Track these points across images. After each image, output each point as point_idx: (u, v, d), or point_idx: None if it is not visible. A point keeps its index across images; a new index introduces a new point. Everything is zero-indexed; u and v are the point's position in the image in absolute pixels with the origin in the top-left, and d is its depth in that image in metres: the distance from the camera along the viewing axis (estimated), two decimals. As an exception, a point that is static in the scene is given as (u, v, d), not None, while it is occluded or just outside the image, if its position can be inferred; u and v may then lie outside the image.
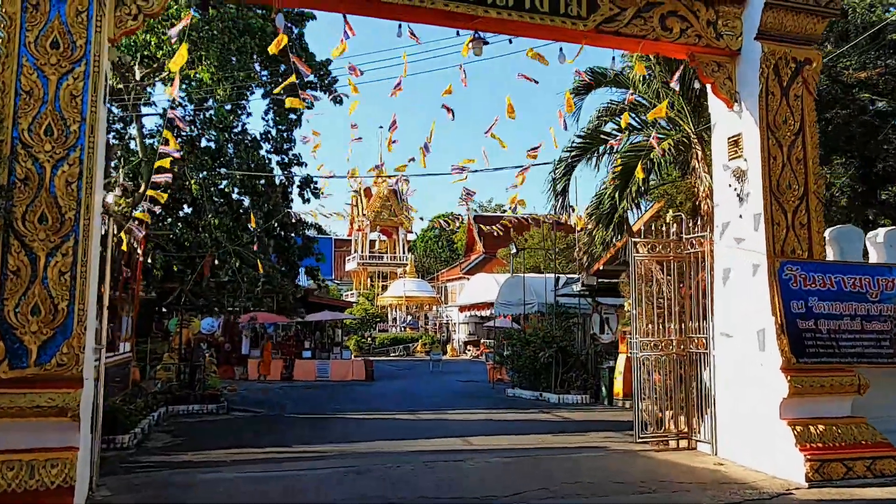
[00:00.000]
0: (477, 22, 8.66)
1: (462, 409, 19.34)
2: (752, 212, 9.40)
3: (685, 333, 10.55)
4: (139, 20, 7.58)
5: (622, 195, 12.98)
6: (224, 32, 16.92)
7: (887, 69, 14.18)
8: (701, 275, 10.35)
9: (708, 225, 10.74)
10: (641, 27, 9.21)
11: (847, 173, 14.20)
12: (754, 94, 9.46)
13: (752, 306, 9.29)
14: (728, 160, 9.85)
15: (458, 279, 64.14)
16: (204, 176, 20.97)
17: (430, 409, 19.16)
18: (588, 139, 14.30)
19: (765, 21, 9.40)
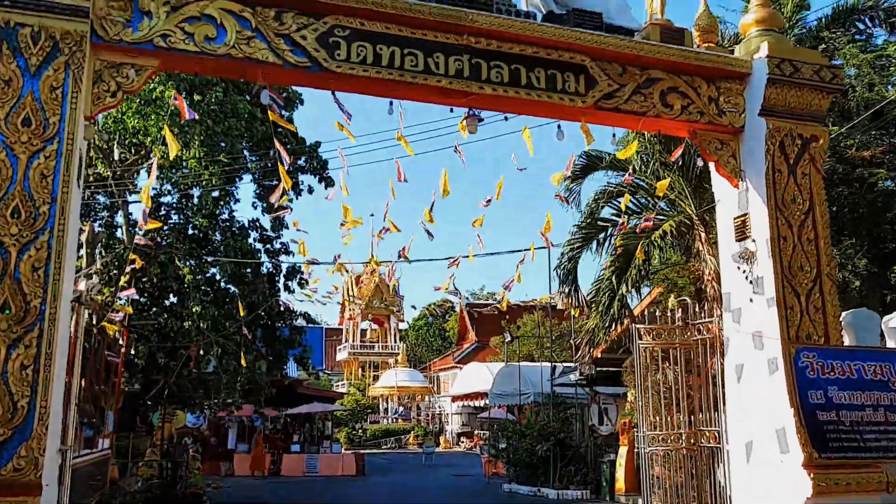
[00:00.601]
0: (471, 98, 8.32)
1: (457, 506, 18.44)
2: (764, 295, 8.90)
3: (695, 426, 9.91)
4: (118, 97, 7.20)
5: (621, 279, 12.54)
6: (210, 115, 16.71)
7: (891, 147, 13.99)
8: (710, 363, 9.79)
9: (715, 309, 10.24)
10: (641, 104, 8.89)
11: (857, 254, 13.85)
12: (760, 173, 9.09)
13: (768, 396, 8.69)
14: (735, 241, 9.41)
15: (450, 368, 63.18)
16: (192, 264, 20.49)
17: (424, 506, 18.25)
18: (588, 227, 13.96)
19: (768, 97, 9.11)
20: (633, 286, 12.44)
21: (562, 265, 14.37)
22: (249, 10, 7.57)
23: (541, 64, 8.53)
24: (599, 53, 8.73)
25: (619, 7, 9.13)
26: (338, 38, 7.82)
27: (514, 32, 8.35)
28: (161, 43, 7.24)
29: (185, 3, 7.37)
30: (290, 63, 7.63)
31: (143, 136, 18.27)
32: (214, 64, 7.55)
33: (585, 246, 14.04)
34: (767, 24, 9.71)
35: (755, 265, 9.07)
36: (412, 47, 8.07)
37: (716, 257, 11.55)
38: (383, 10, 7.89)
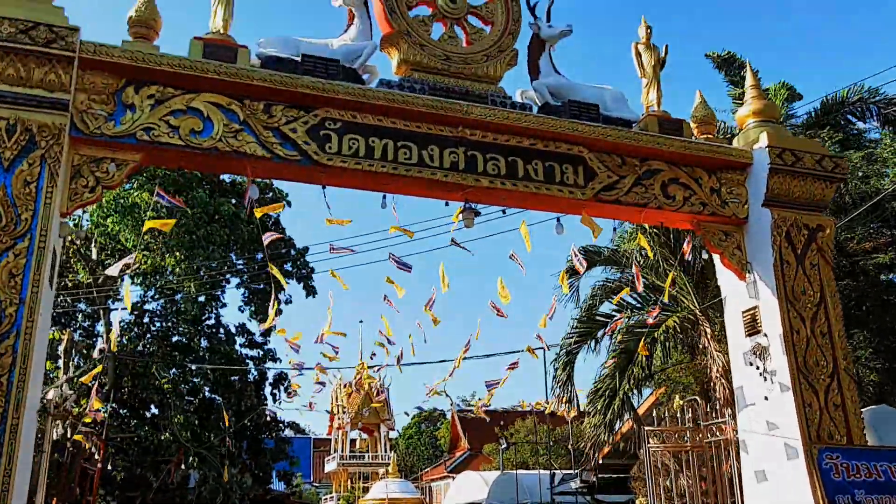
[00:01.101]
0: (468, 192, 8.01)
1: None
2: (780, 392, 8.41)
3: (714, 535, 9.24)
4: (97, 192, 6.84)
5: (623, 376, 12.00)
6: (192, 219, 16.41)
7: (893, 239, 13.77)
8: (725, 466, 9.19)
9: (726, 409, 9.72)
10: (643, 195, 8.61)
11: (868, 348, 13.45)
12: (768, 264, 8.75)
13: (790, 499, 8.09)
14: (745, 336, 8.98)
15: (443, 478, 61.10)
16: (174, 373, 19.78)
17: None
18: (586, 324, 13.53)
19: (772, 187, 8.86)
20: (636, 385, 11.90)
21: (558, 359, 13.82)
22: (238, 103, 7.32)
23: (538, 156, 8.30)
24: (598, 145, 8.52)
25: (615, 98, 8.97)
26: (329, 131, 7.57)
27: (509, 124, 8.14)
28: (144, 136, 6.93)
29: (171, 97, 7.12)
30: (280, 156, 7.34)
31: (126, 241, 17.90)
32: (200, 158, 7.22)
33: (584, 342, 13.57)
34: (765, 116, 9.58)
35: (768, 360, 8.61)
36: (406, 140, 7.83)
37: (723, 353, 11.06)
38: (376, 102, 7.68)
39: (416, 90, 8.00)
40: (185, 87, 7.17)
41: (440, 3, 8.65)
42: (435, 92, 8.10)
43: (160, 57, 7.01)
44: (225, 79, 7.19)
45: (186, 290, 18.86)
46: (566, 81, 8.84)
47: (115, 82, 6.95)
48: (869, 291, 13.68)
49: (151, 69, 6.97)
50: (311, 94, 7.47)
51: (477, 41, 8.71)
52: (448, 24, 8.70)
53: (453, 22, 8.73)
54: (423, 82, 8.14)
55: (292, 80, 7.41)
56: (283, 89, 7.37)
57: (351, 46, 7.97)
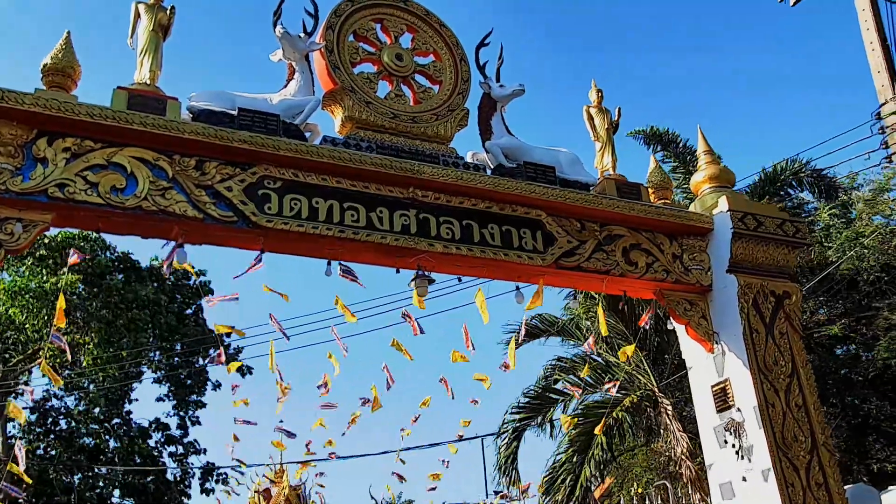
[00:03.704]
0: (421, 258, 7.33)
1: None
2: (759, 470, 7.80)
3: None
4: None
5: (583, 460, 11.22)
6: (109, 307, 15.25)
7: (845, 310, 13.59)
8: (703, 556, 8.47)
9: (695, 493, 9.05)
10: (604, 261, 8.09)
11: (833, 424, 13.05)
12: (737, 334, 8.25)
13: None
14: (716, 412, 8.40)
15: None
16: (79, 479, 18.06)
17: None
18: (537, 399, 12.79)
19: (735, 253, 8.46)
20: (598, 468, 11.13)
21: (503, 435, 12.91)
22: (166, 158, 6.56)
23: (494, 220, 7.73)
24: (556, 208, 8.01)
25: (571, 161, 8.55)
26: (268, 191, 6.85)
27: (464, 185, 7.58)
28: (57, 193, 6.08)
29: (90, 150, 6.32)
30: (213, 217, 6.56)
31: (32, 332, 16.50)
32: (122, 218, 6.37)
33: (532, 420, 12.77)
34: (720, 181, 9.27)
35: (744, 437, 8.02)
36: (353, 200, 7.16)
37: (686, 433, 10.48)
38: (320, 160, 7.03)
39: (362, 148, 7.40)
40: (106, 140, 6.38)
41: (386, 60, 8.17)
42: (383, 151, 7.51)
43: (78, 106, 6.24)
44: (152, 131, 6.44)
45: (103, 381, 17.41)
46: (520, 143, 8.38)
47: (24, 133, 6.13)
48: (830, 366, 13.39)
49: (68, 119, 6.19)
50: (249, 150, 6.78)
51: (425, 100, 8.23)
52: (394, 82, 8.21)
53: (400, 80, 8.25)
54: (370, 140, 7.56)
55: (228, 135, 6.71)
56: (217, 143, 6.66)
57: (292, 101, 7.35)
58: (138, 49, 7.12)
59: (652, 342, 10.90)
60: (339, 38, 7.95)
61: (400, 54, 8.29)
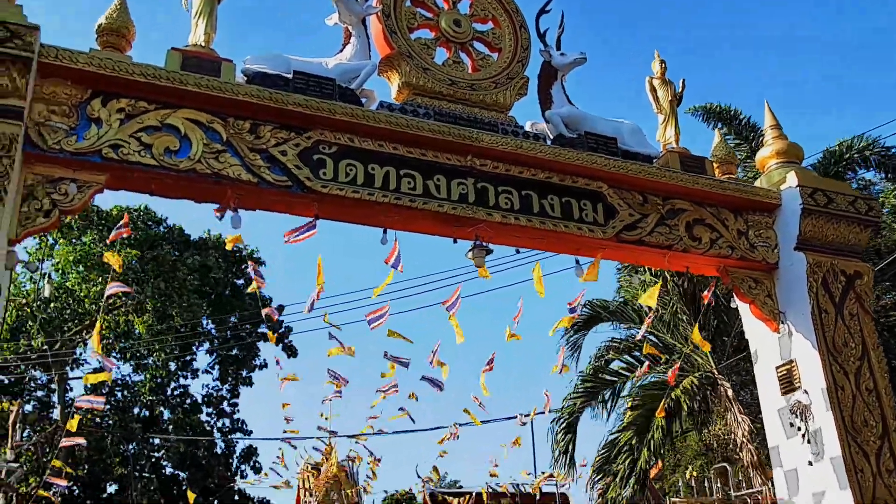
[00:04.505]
0: (479, 228, 7.12)
1: None
2: (826, 456, 7.47)
3: None
4: (53, 217, 5.83)
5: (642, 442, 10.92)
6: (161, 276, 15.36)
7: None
8: (765, 542, 8.17)
9: (755, 477, 8.73)
10: (667, 236, 7.79)
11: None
12: (805, 313, 7.90)
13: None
14: (781, 393, 8.07)
15: (413, 565, 58.62)
16: (133, 448, 18.28)
17: None
18: (593, 382, 12.53)
19: (804, 230, 8.09)
20: (657, 450, 10.85)
21: (561, 420, 12.67)
22: (220, 121, 6.42)
23: (554, 190, 7.48)
24: (618, 180, 7.73)
25: (633, 132, 8.24)
26: (323, 156, 6.68)
27: (523, 154, 7.34)
28: (111, 154, 5.98)
29: (144, 111, 6.20)
30: (268, 181, 6.42)
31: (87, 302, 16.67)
32: (175, 181, 6.26)
33: (589, 403, 12.52)
34: (788, 156, 8.87)
35: (810, 420, 7.69)
36: (409, 168, 6.97)
37: (746, 416, 10.16)
38: (377, 125, 6.84)
39: (419, 115, 7.18)
40: (160, 102, 6.26)
41: (444, 26, 7.94)
42: (440, 118, 7.30)
43: (133, 66, 6.12)
44: (207, 93, 6.31)
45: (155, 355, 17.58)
46: (581, 112, 8.11)
47: (79, 93, 6.04)
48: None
49: (122, 79, 6.08)
50: (304, 114, 6.61)
51: (484, 68, 7.99)
52: (452, 48, 7.98)
53: (458, 47, 8.02)
54: (428, 107, 7.35)
55: (283, 97, 6.55)
56: (272, 106, 6.51)
57: (348, 66, 7.16)
58: (193, 11, 6.99)
59: (711, 323, 10.58)
60: (395, 3, 7.74)
61: (458, 20, 8.06)
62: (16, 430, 14.64)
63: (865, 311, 8.16)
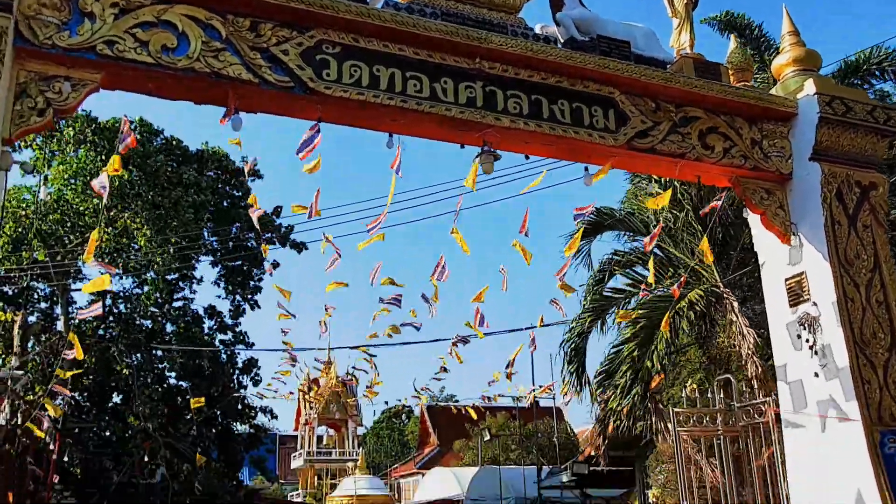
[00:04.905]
0: (487, 133, 6.92)
1: None
2: (834, 368, 7.43)
3: (752, 531, 8.25)
4: (47, 116, 5.62)
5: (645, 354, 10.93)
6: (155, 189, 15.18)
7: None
8: (768, 451, 8.21)
9: (761, 389, 8.74)
10: (679, 144, 7.59)
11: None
12: (817, 225, 7.76)
13: (846, 491, 7.13)
14: (789, 306, 7.99)
15: (411, 475, 60.09)
16: (138, 359, 18.42)
17: None
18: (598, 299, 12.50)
19: (820, 139, 7.88)
20: (660, 362, 10.87)
21: (570, 341, 12.71)
22: (219, 17, 6.15)
23: (564, 95, 7.25)
24: (630, 85, 7.48)
25: (647, 36, 7.95)
26: (326, 56, 6.43)
27: (533, 57, 7.08)
28: (106, 51, 5.73)
29: (139, 6, 5.93)
30: (269, 82, 6.19)
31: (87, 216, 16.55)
32: (173, 80, 6.03)
33: (597, 320, 12.53)
34: (805, 64, 8.58)
35: (819, 332, 7.62)
36: (416, 70, 6.73)
37: (752, 329, 10.12)
38: (382, 24, 6.56)
39: (426, 14, 6.89)
40: (155, -5, 5.98)
41: (452, -79, 7.55)
42: (448, 18, 7.00)
43: (125, -45, 5.82)
44: (203, -13, 6.02)
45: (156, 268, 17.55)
46: (594, 15, 7.80)
47: (70, -15, 5.74)
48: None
49: (113, -30, 5.78)
50: (307, 11, 6.32)
51: (492, -34, 7.62)
52: (459, -55, 7.59)
53: (466, -57, 7.63)
54: (435, 7, 7.03)
55: (285, -7, 6.26)
56: (273, 3, 6.23)
57: (351, -39, 6.82)
58: None
59: (717, 236, 10.44)
60: None
61: (466, -85, 7.66)
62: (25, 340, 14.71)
63: (879, 224, 8.01)
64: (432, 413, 63.16)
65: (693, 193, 11.46)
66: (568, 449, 32.96)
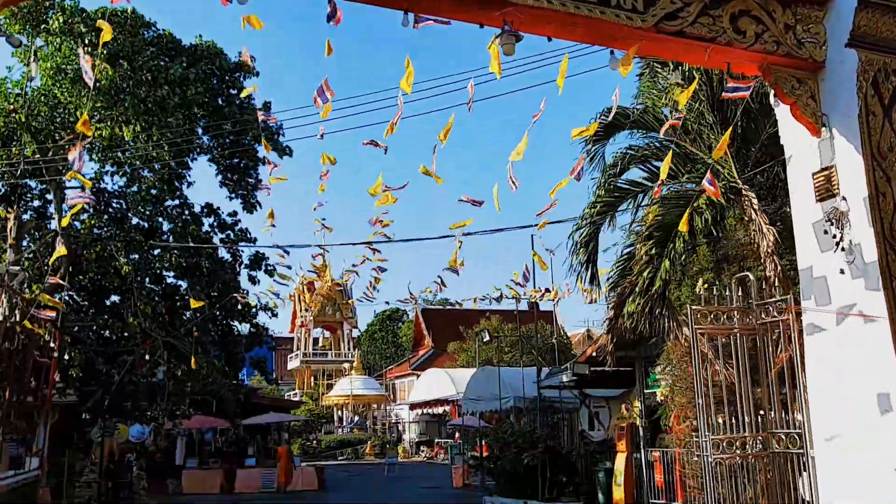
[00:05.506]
0: (506, 11, 6.45)
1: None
2: (861, 265, 7.18)
3: (767, 428, 8.15)
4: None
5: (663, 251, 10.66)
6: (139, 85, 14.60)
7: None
8: (787, 351, 8.04)
9: (780, 288, 8.52)
10: (710, 27, 7.15)
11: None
12: (850, 115, 7.38)
13: (870, 390, 6.99)
14: (816, 201, 7.68)
15: (406, 376, 61.07)
16: (135, 259, 18.14)
17: (404, 527, 16.28)
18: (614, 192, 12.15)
19: (858, 24, 7.42)
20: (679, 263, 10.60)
21: (580, 230, 12.36)
22: None
23: (589, -28, 6.72)
24: (659, -39, 6.96)
25: None
26: (337, -78, 5.90)
27: (557, -73, 6.52)
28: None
29: None
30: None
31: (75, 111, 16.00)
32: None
33: (610, 212, 12.19)
34: (844, -58, 8.02)
35: (847, 228, 7.34)
36: (432, -60, 6.19)
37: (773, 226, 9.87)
38: None
39: None
40: None
41: None
42: None
43: None
44: None
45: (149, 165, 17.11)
46: None
47: None
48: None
49: None
50: None
51: None
52: None
53: None
54: None
55: None
56: None
57: None
58: None
59: (737, 131, 10.04)
60: None
61: None
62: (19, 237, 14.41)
63: (915, 115, 7.64)
64: (427, 316, 63.85)
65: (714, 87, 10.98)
66: (562, 352, 33.31)
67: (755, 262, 10.31)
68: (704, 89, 11.00)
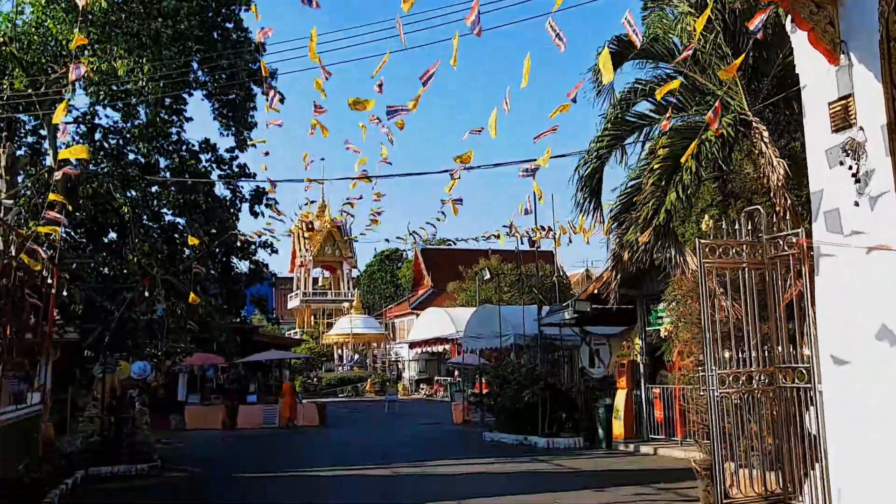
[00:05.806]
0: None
1: (442, 459, 16.65)
2: (876, 195, 7.01)
3: (774, 363, 8.07)
4: None
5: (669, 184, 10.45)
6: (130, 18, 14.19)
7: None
8: (797, 285, 7.91)
9: (789, 222, 8.36)
10: (728, -52, 6.85)
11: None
12: (871, 42, 7.12)
13: (879, 321, 6.88)
14: (832, 132, 7.47)
15: (406, 315, 61.37)
16: (132, 196, 17.91)
17: (406, 460, 16.42)
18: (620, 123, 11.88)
19: (881, -57, 7.11)
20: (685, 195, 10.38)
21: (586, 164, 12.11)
22: None
23: None
24: None
25: None
26: None
27: None
28: None
29: None
30: None
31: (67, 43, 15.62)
32: None
33: (616, 146, 11.95)
34: None
35: (864, 159, 7.15)
36: None
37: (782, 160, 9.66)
38: None
39: None
40: None
41: None
42: None
43: None
44: None
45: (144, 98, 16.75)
46: None
47: None
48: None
49: None
50: None
51: None
52: None
53: None
54: None
55: None
56: None
57: None
58: None
59: (747, 62, 9.75)
60: None
61: None
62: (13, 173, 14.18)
63: (937, 43, 7.37)
64: (426, 255, 63.92)
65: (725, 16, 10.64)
66: (561, 291, 33.33)
67: (763, 199, 10.12)
68: (718, 17, 10.65)
